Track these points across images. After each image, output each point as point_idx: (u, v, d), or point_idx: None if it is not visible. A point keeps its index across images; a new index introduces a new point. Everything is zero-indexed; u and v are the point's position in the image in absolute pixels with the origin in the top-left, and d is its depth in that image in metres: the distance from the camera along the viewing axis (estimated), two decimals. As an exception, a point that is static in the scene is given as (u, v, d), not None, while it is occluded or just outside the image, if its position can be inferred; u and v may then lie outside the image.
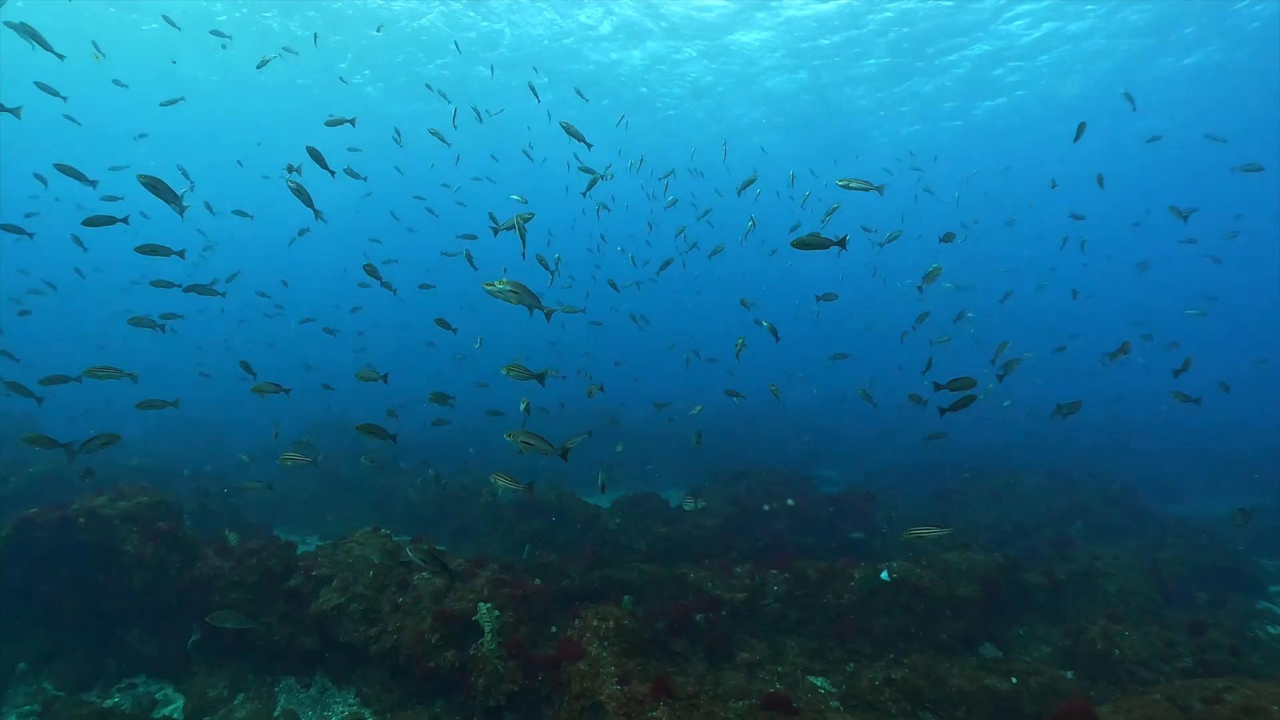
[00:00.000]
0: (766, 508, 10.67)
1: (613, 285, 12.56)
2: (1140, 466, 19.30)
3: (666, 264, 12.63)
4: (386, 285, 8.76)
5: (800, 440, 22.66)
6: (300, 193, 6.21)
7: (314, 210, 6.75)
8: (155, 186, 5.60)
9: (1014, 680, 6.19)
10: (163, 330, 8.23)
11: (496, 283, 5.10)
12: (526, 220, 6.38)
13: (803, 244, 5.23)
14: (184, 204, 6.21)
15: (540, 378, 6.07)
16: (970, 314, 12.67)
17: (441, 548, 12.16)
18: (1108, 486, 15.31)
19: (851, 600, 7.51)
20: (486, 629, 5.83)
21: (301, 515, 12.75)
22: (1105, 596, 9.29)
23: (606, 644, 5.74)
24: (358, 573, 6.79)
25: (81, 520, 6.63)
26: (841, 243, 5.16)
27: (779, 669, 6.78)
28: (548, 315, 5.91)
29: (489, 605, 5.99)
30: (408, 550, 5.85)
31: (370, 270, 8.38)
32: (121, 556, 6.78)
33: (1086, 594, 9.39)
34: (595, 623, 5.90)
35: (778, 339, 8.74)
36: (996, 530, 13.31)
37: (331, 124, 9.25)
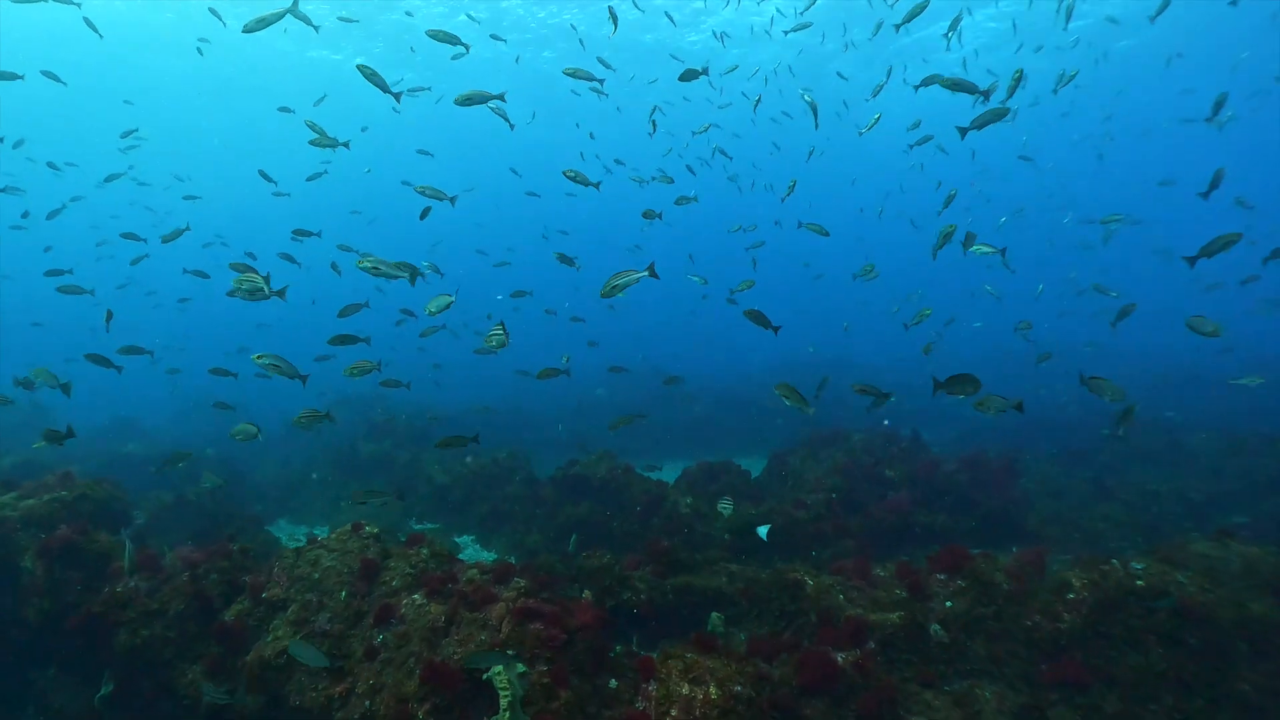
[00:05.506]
0: (889, 473, 8.02)
1: None
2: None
3: None
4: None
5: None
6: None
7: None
8: None
9: None
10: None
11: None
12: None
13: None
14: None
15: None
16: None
17: (468, 539, 10.15)
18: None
19: (1075, 621, 4.84)
20: (503, 699, 3.53)
21: (314, 502, 10.99)
22: None
23: (706, 727, 3.34)
24: (325, 595, 4.63)
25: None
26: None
27: (975, 740, 4.23)
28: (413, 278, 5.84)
29: (508, 659, 3.68)
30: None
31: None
32: (20, 575, 4.91)
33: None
34: (685, 689, 3.50)
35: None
36: (1182, 500, 10.20)
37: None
